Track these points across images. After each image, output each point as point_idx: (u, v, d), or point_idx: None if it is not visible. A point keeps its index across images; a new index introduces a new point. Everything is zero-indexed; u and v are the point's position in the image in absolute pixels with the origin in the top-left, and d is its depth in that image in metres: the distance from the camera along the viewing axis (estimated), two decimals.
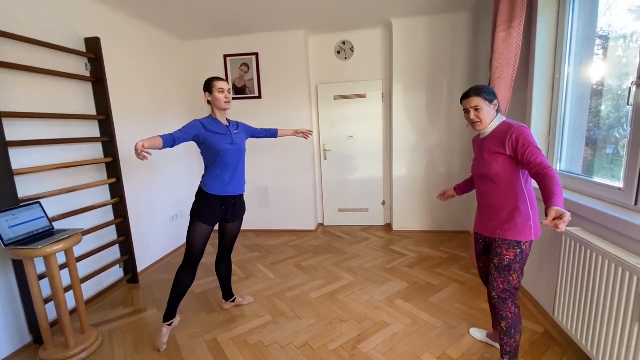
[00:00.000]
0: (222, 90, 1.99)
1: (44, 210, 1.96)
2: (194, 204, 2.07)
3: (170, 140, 1.83)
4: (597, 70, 1.87)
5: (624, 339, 1.32)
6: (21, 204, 1.89)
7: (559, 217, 1.13)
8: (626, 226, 1.39)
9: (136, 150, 1.59)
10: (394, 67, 3.58)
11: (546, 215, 1.18)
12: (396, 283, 2.66)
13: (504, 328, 1.58)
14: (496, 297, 1.58)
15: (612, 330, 1.38)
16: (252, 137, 2.34)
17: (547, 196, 1.22)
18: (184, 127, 1.93)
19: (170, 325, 2.07)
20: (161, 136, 1.78)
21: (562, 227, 1.12)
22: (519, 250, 1.49)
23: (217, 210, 2.07)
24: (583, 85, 1.97)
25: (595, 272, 1.48)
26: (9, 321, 1.97)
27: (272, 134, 2.44)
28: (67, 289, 2.08)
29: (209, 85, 2.01)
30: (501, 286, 1.55)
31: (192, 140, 1.96)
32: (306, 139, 2.58)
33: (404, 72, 3.58)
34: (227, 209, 2.11)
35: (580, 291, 1.59)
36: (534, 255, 2.20)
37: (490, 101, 1.51)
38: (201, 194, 2.05)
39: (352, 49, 3.82)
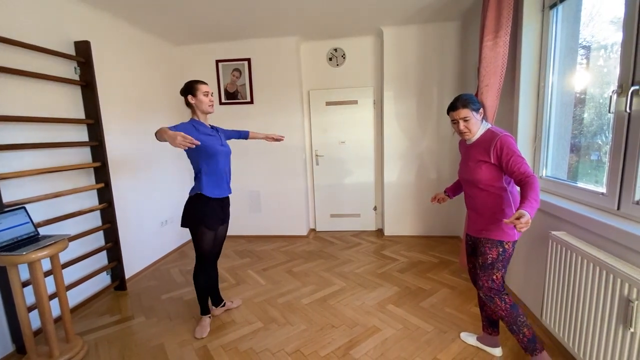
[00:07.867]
0: (207, 94, 1.99)
1: (29, 216, 1.91)
2: (194, 212, 2.00)
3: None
4: (580, 79, 1.93)
5: (609, 341, 1.34)
6: (6, 209, 1.85)
7: (519, 217, 1.25)
8: (609, 230, 1.43)
9: (179, 141, 1.60)
10: (384, 74, 3.63)
11: None
12: (387, 288, 2.67)
13: (507, 327, 1.64)
14: (484, 297, 1.64)
15: (597, 332, 1.41)
16: (227, 139, 2.31)
17: (521, 200, 1.35)
18: (175, 127, 1.84)
19: (210, 317, 2.25)
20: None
21: (520, 227, 1.23)
22: (501, 249, 1.57)
23: (219, 213, 2.08)
24: (567, 94, 2.03)
25: (581, 275, 1.51)
26: None
27: (243, 135, 2.44)
28: (51, 297, 2.03)
29: (192, 89, 1.97)
30: (486, 284, 1.62)
31: None
32: (279, 140, 2.51)
33: (394, 79, 3.63)
34: (224, 211, 2.13)
35: (566, 294, 1.62)
36: (522, 258, 2.24)
37: (477, 110, 1.57)
38: (201, 200, 1.99)
39: (343, 56, 3.86)
